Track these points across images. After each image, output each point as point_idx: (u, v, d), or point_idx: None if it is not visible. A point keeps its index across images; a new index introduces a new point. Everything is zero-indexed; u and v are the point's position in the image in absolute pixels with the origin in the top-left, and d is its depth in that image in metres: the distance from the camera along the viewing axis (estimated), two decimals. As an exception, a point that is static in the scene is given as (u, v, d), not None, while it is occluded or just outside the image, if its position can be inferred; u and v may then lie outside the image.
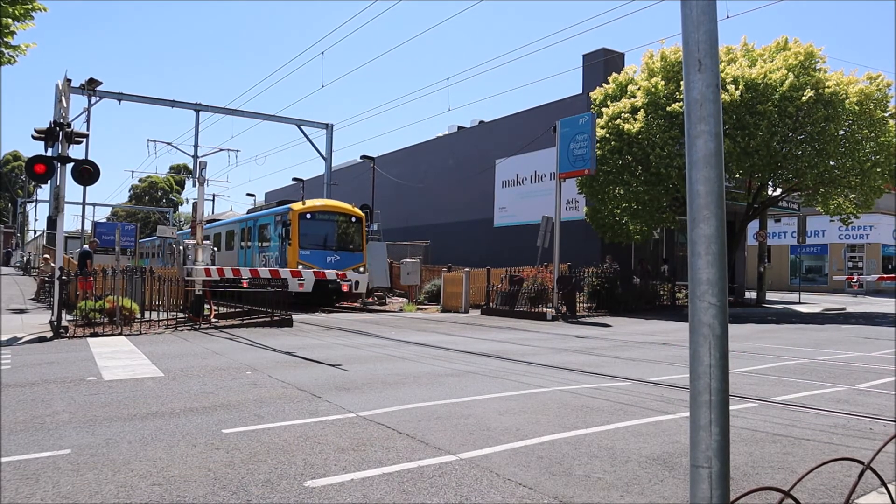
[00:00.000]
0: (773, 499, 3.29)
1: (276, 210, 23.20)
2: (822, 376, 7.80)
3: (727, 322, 2.16)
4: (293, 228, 20.94)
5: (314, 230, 21.55)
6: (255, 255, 23.82)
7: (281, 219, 21.82)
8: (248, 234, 24.74)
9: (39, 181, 20.83)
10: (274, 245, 22.16)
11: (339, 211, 22.49)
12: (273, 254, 22.10)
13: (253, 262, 23.50)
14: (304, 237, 21.15)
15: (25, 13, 10.39)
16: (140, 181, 76.18)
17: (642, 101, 20.26)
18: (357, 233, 22.49)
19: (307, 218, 21.39)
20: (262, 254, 23.05)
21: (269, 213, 23.65)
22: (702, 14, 2.20)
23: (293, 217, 21.14)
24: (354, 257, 22.03)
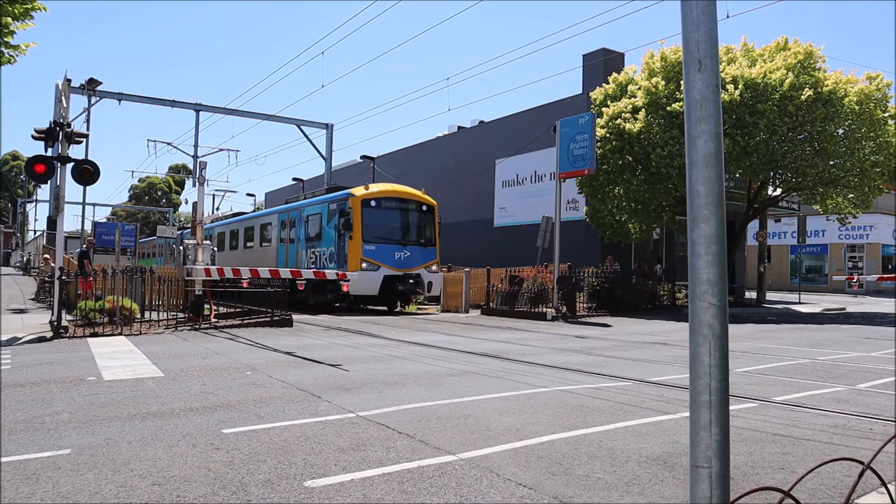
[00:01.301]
0: (773, 499, 3.29)
1: (329, 197, 19.88)
2: (822, 376, 7.80)
3: (727, 322, 2.16)
4: (355, 218, 18.02)
5: (380, 220, 18.51)
6: (300, 253, 20.86)
7: (337, 207, 18.78)
8: (289, 226, 21.81)
9: (39, 181, 20.70)
10: (327, 239, 19.23)
11: (410, 197, 19.38)
12: (326, 250, 19.21)
13: (298, 260, 20.82)
14: (369, 229, 18.20)
15: (25, 13, 10.40)
16: (139, 181, 76.21)
17: (642, 101, 20.26)
18: (429, 224, 19.52)
19: (371, 206, 18.38)
20: (311, 250, 20.09)
21: (319, 201, 20.42)
22: (702, 14, 2.20)
23: (355, 205, 18.19)
24: (427, 253, 19.02)
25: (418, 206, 19.46)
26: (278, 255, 22.43)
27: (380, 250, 18.07)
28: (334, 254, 18.66)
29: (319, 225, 19.78)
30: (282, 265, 21.37)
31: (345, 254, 18.06)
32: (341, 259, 18.23)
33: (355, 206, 18.20)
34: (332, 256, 18.76)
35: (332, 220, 18.96)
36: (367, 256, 17.83)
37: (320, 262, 19.31)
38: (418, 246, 18.86)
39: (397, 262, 18.04)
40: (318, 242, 19.66)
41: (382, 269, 17.80)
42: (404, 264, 18.10)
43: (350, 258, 17.87)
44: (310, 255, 20.06)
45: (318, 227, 19.90)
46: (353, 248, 17.92)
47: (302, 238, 20.75)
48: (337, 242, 18.63)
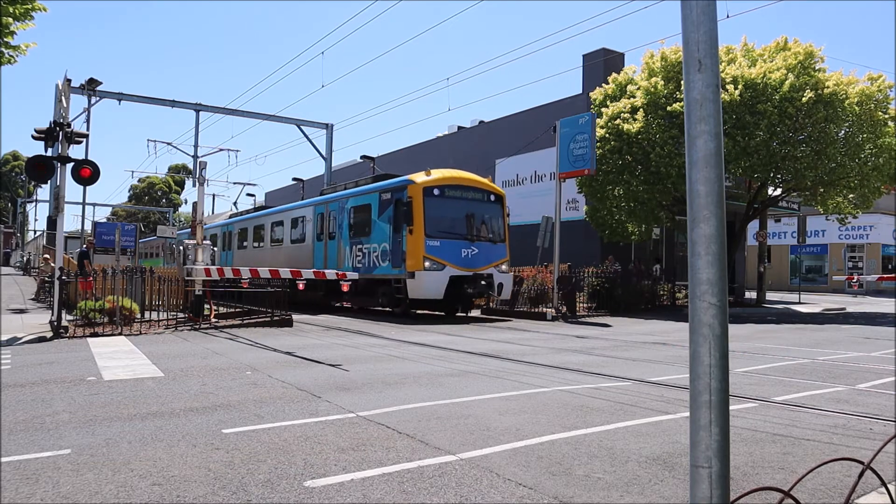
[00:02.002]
0: (773, 499, 3.29)
1: (381, 185, 17.42)
2: (822, 376, 7.80)
3: (727, 322, 2.16)
4: (416, 209, 15.60)
5: (444, 212, 16.09)
6: (342, 250, 18.45)
7: (392, 196, 16.45)
8: (329, 220, 19.34)
9: (39, 181, 20.64)
10: (379, 234, 16.82)
11: (477, 186, 16.95)
12: (377, 246, 16.80)
13: (340, 258, 18.52)
14: (432, 222, 15.67)
15: (25, 13, 10.40)
16: (139, 181, 76.20)
17: (642, 101, 20.27)
18: (498, 217, 17.15)
19: (435, 195, 15.91)
20: (358, 246, 17.71)
21: (367, 190, 17.95)
22: (702, 14, 2.20)
23: (415, 193, 15.73)
24: (496, 251, 16.61)
25: (486, 196, 16.94)
26: (315, 252, 19.96)
27: (445, 246, 15.59)
28: (388, 251, 16.28)
29: (368, 217, 17.33)
30: (319, 264, 19.42)
31: (402, 250, 15.66)
32: (398, 256, 15.88)
33: (416, 195, 15.68)
34: (385, 254, 16.40)
35: (386, 212, 16.52)
36: (430, 254, 15.31)
37: (369, 261, 17.10)
38: (487, 242, 16.40)
39: (464, 260, 15.71)
40: (367, 238, 17.28)
41: (448, 269, 15.47)
42: (471, 263, 15.80)
43: (410, 255, 15.49)
44: (355, 253, 17.68)
45: (366, 219, 17.45)
46: (413, 244, 15.48)
47: (345, 233, 18.34)
48: (392, 237, 16.20)
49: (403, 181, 16.47)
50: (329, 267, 18.60)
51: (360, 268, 17.31)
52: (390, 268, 16.20)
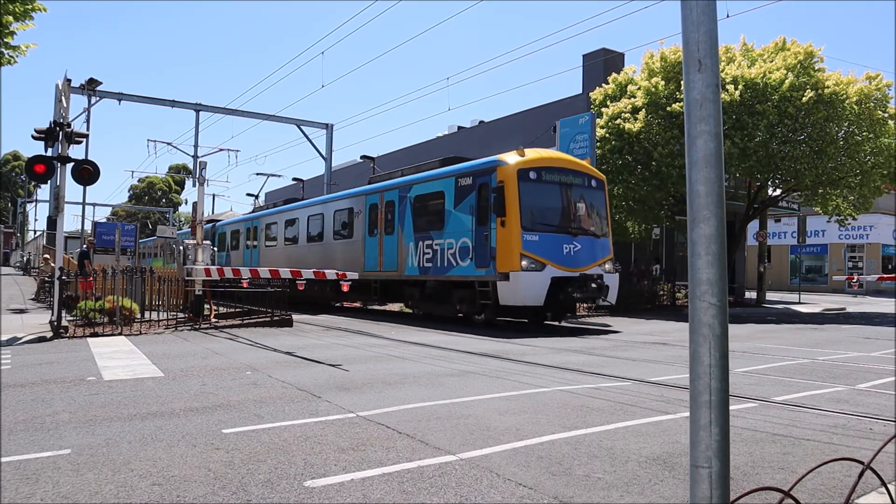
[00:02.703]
0: (773, 499, 3.29)
1: (457, 169, 14.73)
2: (822, 376, 7.80)
3: (727, 322, 2.16)
4: (509, 196, 13.01)
5: (542, 199, 13.56)
6: (403, 247, 15.85)
7: (474, 181, 13.92)
8: (383, 213, 16.84)
9: (39, 181, 20.56)
10: (457, 227, 14.20)
11: (577, 168, 14.41)
12: (455, 242, 14.15)
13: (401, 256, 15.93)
14: (529, 212, 13.14)
15: (25, 13, 10.41)
16: (139, 181, 76.20)
17: (642, 101, 20.28)
18: (601, 206, 14.64)
19: (531, 179, 13.37)
20: (426, 242, 15.06)
21: (439, 175, 15.28)
22: (702, 14, 2.20)
23: (508, 177, 13.14)
24: (601, 246, 14.12)
25: (587, 181, 14.32)
26: (366, 250, 17.49)
27: (544, 241, 13.02)
28: (470, 247, 13.71)
29: (440, 207, 14.75)
30: (373, 263, 17.16)
31: (491, 247, 13.13)
32: (484, 254, 13.33)
33: (509, 179, 13.09)
34: (464, 251, 13.86)
35: (466, 200, 13.99)
36: (528, 250, 12.77)
37: (442, 259, 14.51)
38: (590, 235, 13.86)
39: (566, 257, 13.19)
40: (439, 232, 14.68)
41: (549, 269, 12.86)
42: (575, 261, 13.30)
43: (502, 253, 12.94)
44: (424, 250, 15.13)
45: (437, 210, 14.92)
46: (506, 239, 12.91)
47: (408, 226, 15.76)
48: (475, 231, 13.65)
49: (491, 162, 13.87)
50: (386, 267, 16.69)
51: (430, 267, 14.99)
52: (472, 268, 13.63)
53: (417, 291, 16.15)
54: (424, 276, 15.30)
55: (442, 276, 14.66)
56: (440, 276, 14.76)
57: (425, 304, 16.08)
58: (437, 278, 14.91)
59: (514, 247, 12.83)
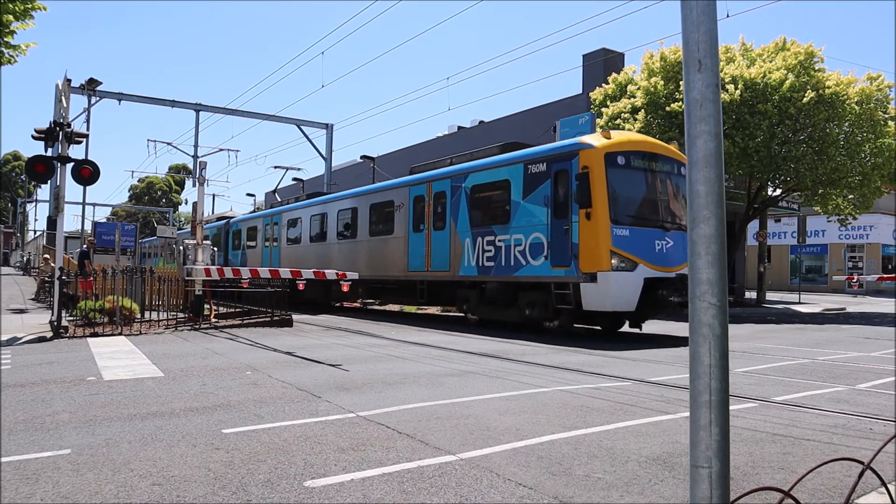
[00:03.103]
0: (773, 499, 3.29)
1: (528, 154, 13.10)
2: (822, 376, 7.79)
3: (727, 322, 2.16)
4: (596, 184, 11.29)
5: (631, 189, 11.89)
6: (457, 244, 14.26)
7: (549, 168, 12.17)
8: (432, 206, 15.17)
9: (39, 181, 20.51)
10: (527, 220, 12.52)
11: (666, 153, 12.52)
12: (525, 238, 12.53)
13: (453, 254, 14.35)
14: (619, 202, 11.51)
15: (25, 12, 10.41)
16: (139, 181, 76.20)
17: (642, 102, 20.29)
18: None
19: (619, 164, 11.68)
20: (487, 238, 13.48)
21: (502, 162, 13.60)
22: (702, 14, 2.20)
23: (594, 162, 11.42)
24: None
25: (676, 168, 12.45)
26: (410, 247, 15.79)
27: (636, 237, 11.33)
28: (545, 244, 12.04)
29: (505, 198, 13.10)
30: (419, 262, 15.47)
31: (573, 243, 11.43)
32: (563, 251, 11.64)
33: (595, 165, 11.36)
34: (537, 248, 12.18)
35: (539, 190, 12.28)
36: (619, 247, 11.14)
37: (507, 257, 12.88)
38: (681, 231, 11.92)
39: (658, 256, 11.50)
40: (503, 226, 13.08)
41: (641, 269, 11.22)
42: (668, 260, 11.57)
43: (587, 250, 11.26)
44: (484, 248, 13.51)
45: (501, 201, 13.29)
46: (592, 234, 11.24)
47: (464, 220, 14.11)
48: (552, 225, 11.95)
49: (571, 146, 12.04)
50: (435, 267, 15.02)
51: (491, 267, 13.35)
52: (547, 267, 12.01)
53: (475, 294, 14.35)
54: (484, 277, 13.65)
55: (507, 276, 13.02)
56: (505, 277, 13.11)
57: (485, 308, 14.22)
58: (501, 279, 13.23)
59: (603, 243, 11.13)
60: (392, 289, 17.57)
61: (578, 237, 11.41)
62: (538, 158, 12.61)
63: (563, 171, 11.95)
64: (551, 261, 11.95)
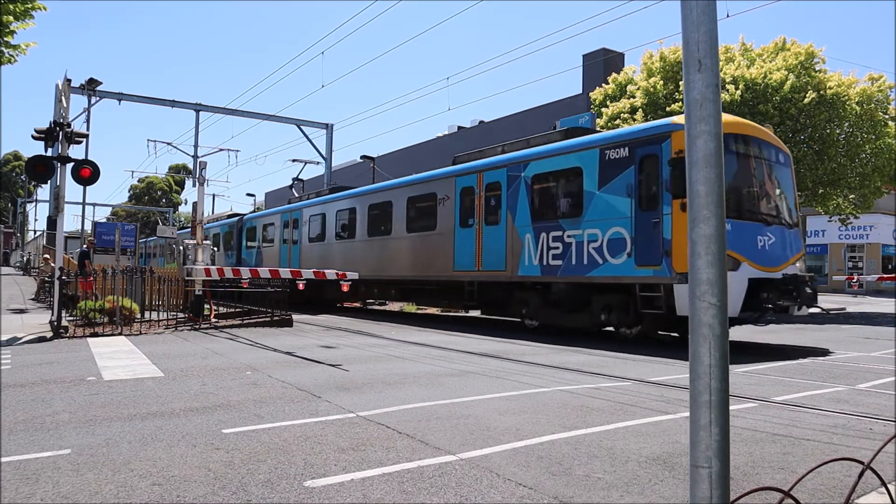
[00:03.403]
0: (773, 499, 3.29)
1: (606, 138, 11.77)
2: (822, 376, 7.79)
3: (727, 322, 2.16)
4: None
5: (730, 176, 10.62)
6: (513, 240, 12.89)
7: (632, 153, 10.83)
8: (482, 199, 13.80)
9: (39, 181, 20.47)
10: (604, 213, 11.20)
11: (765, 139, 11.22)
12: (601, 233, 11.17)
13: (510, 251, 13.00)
14: None
15: (25, 12, 10.42)
16: (139, 181, 76.21)
17: (641, 102, 20.30)
18: (789, 188, 11.54)
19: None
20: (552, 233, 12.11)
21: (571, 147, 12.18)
22: (702, 14, 2.20)
23: None
24: (792, 238, 11.07)
25: (776, 156, 11.31)
26: (457, 244, 14.44)
27: (738, 232, 10.00)
28: (627, 239, 10.75)
29: (577, 189, 11.79)
30: (467, 261, 14.07)
31: (664, 238, 10.16)
32: (651, 248, 10.36)
33: None
34: (619, 244, 10.86)
35: (621, 178, 10.93)
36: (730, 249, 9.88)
37: (579, 255, 11.53)
38: (782, 226, 10.86)
39: (761, 254, 10.25)
40: (574, 220, 11.69)
41: (745, 268, 9.95)
42: (771, 259, 10.39)
43: (683, 246, 9.67)
44: (549, 244, 12.15)
45: (572, 192, 12.01)
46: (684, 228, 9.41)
47: (523, 214, 12.76)
48: (637, 218, 10.64)
49: (661, 127, 10.66)
50: (488, 266, 13.53)
51: (558, 266, 11.99)
52: (630, 266, 10.64)
53: (536, 297, 12.94)
54: (550, 278, 12.19)
55: (578, 277, 11.58)
56: (575, 278, 11.67)
57: (548, 312, 12.75)
58: (570, 280, 11.81)
59: None
60: (432, 290, 16.06)
61: (671, 232, 10.05)
62: (618, 142, 11.19)
63: (650, 157, 10.54)
64: (636, 259, 10.58)
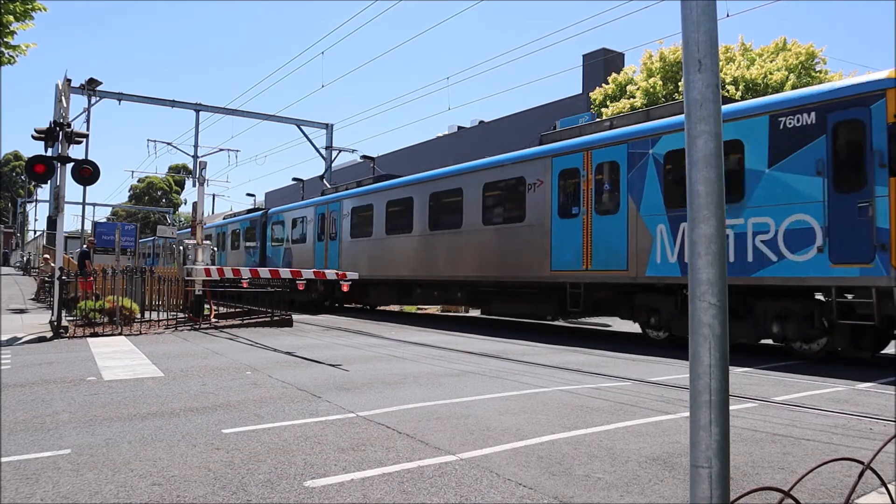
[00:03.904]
0: (773, 499, 3.29)
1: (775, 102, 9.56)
2: (822, 376, 7.79)
3: (727, 322, 2.16)
4: None
5: None
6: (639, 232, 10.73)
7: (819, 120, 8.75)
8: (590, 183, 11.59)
9: (39, 181, 20.45)
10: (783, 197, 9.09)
11: None
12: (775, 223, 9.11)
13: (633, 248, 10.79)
14: None
15: (25, 12, 10.42)
16: (139, 181, 76.16)
17: (641, 102, 20.30)
18: None
19: None
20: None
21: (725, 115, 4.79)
22: (702, 14, 2.20)
23: None
24: None
25: None
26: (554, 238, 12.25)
27: None
28: (817, 230, 8.68)
29: (735, 167, 9.55)
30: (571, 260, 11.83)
31: (877, 228, 8.20)
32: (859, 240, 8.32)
33: None
34: (804, 236, 8.79)
35: (804, 152, 8.87)
36: None
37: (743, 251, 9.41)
38: None
39: None
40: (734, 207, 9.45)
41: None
42: None
43: None
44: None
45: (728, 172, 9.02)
46: None
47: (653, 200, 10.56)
48: (832, 201, 8.61)
49: (869, 85, 8.49)
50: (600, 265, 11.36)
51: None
52: (823, 264, 8.61)
53: (670, 303, 10.60)
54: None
55: (739, 278, 9.35)
56: (734, 279, 9.25)
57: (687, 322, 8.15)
58: (737, 282, 9.41)
59: None
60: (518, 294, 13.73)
61: (890, 219, 8.01)
62: (799, 107, 9.01)
63: (852, 123, 8.50)
64: (831, 254, 8.53)
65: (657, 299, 10.97)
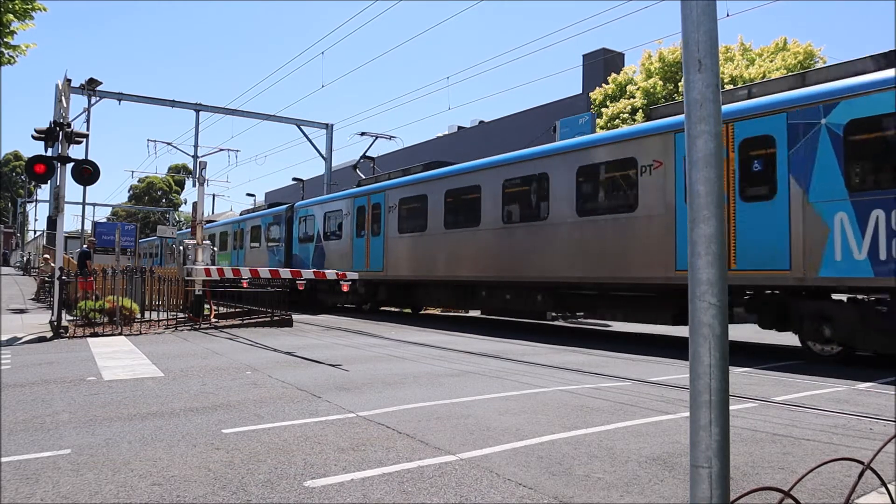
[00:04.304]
0: (773, 499, 3.29)
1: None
2: (822, 376, 7.79)
3: (727, 322, 2.16)
4: None
5: None
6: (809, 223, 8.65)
7: None
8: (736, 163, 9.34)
9: (39, 181, 20.41)
10: None
11: None
12: None
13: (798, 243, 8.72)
14: None
15: (25, 12, 10.43)
16: (139, 181, 76.15)
17: (641, 102, 20.32)
18: None
19: None
20: None
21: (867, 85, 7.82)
22: (702, 14, 2.20)
23: None
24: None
25: None
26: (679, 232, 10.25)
27: None
28: None
29: None
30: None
31: None
32: None
33: None
34: None
35: None
36: None
37: None
38: None
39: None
40: None
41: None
42: None
43: None
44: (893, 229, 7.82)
45: None
46: None
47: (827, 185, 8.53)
48: None
49: None
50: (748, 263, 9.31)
51: None
52: None
53: (851, 313, 8.76)
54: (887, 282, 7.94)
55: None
56: None
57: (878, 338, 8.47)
58: None
59: None
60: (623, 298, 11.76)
61: None
62: None
63: None
64: None
65: (830, 307, 9.04)
